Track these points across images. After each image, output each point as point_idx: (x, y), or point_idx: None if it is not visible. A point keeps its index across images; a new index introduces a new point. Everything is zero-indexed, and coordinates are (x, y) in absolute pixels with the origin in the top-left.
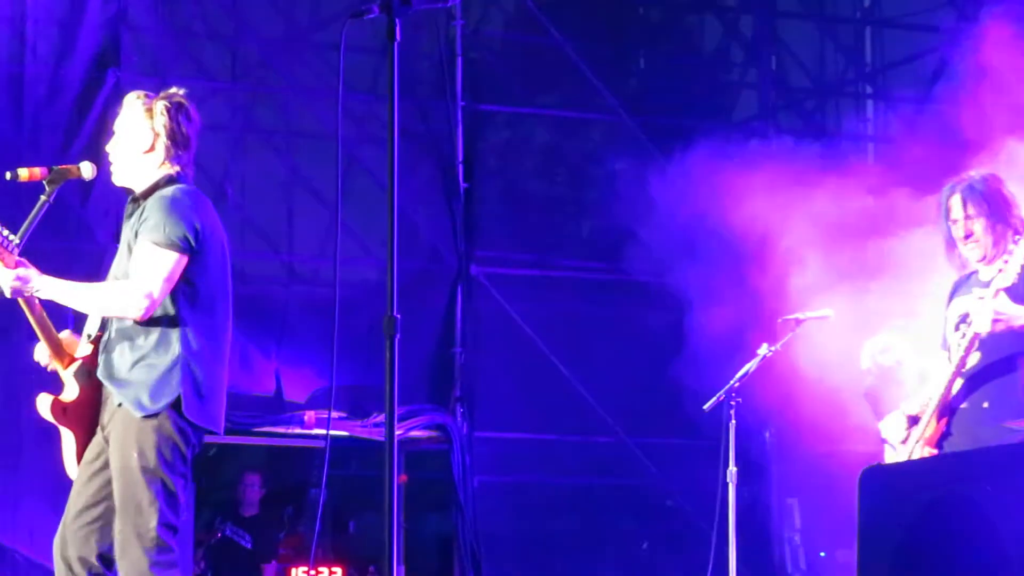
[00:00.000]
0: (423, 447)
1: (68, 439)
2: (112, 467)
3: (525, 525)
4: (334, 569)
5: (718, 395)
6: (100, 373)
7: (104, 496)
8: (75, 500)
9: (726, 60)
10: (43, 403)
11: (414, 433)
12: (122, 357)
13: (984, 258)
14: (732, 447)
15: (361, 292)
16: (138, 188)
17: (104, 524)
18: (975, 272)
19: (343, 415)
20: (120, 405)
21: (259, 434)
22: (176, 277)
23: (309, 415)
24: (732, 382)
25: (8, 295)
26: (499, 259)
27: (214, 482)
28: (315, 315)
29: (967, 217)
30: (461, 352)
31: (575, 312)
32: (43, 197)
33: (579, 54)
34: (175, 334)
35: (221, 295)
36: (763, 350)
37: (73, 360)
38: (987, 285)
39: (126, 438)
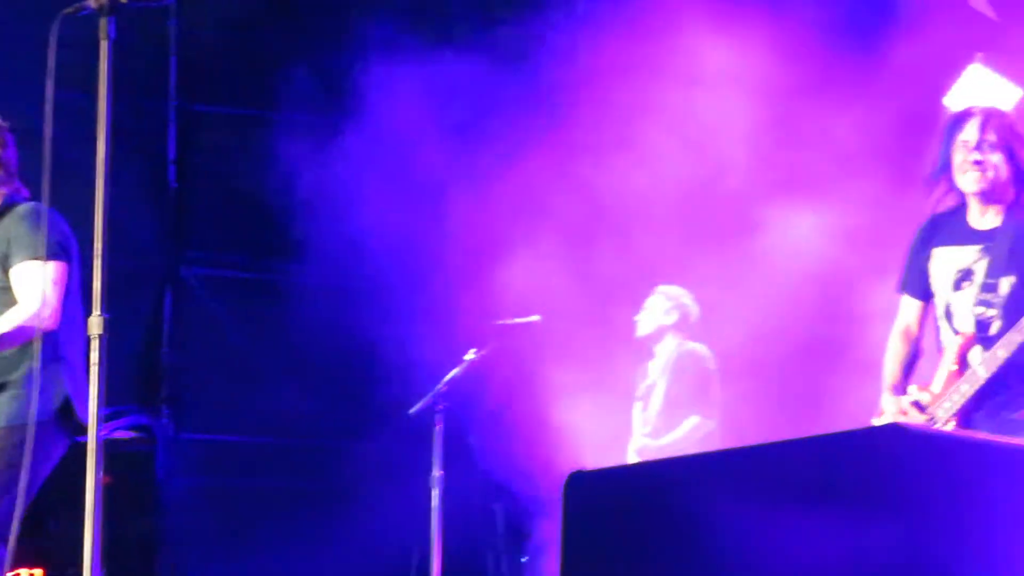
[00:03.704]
0: (127, 448)
1: None
2: None
3: (228, 526)
4: (34, 572)
5: (424, 399)
6: None
7: None
8: None
9: None
10: None
11: (118, 434)
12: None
13: (983, 193)
14: (438, 452)
15: None
16: None
17: None
18: (959, 211)
19: None
20: None
21: None
22: (64, 283)
23: None
24: (439, 387)
25: None
26: (210, 260)
27: None
28: None
29: (983, 142)
30: (168, 352)
31: (285, 315)
32: None
33: (298, 55)
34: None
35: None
36: (470, 355)
37: None
38: (983, 236)
39: None
